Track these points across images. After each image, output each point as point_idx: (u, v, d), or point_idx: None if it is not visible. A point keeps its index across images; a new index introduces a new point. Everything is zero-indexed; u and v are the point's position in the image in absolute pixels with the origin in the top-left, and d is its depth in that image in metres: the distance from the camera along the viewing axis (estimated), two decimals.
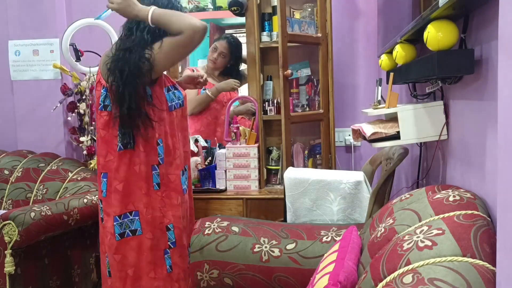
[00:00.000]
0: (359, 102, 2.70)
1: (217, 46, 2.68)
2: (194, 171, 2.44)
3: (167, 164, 1.83)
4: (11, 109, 2.91)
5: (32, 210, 2.18)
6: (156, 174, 1.81)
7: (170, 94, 1.86)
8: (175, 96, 1.87)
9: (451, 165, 1.42)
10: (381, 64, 1.88)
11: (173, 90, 1.88)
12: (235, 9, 2.42)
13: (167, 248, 1.83)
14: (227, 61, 2.70)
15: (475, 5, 1.09)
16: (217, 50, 2.67)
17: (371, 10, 2.62)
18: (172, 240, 1.84)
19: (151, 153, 1.79)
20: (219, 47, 2.67)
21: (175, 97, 1.87)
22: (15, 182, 2.62)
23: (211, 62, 2.69)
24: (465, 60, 1.12)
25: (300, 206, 1.87)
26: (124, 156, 1.80)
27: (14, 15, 2.82)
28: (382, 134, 1.50)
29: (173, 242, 1.84)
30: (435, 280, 0.79)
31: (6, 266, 2.11)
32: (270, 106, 2.44)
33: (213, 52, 2.68)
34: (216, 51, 2.67)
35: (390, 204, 1.30)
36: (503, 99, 0.72)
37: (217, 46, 2.67)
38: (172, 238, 1.84)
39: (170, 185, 1.83)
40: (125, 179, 1.79)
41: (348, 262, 1.13)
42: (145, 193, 1.80)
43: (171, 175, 1.83)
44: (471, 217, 0.97)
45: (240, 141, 2.42)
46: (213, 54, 2.68)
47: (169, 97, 1.84)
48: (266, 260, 1.56)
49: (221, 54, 2.68)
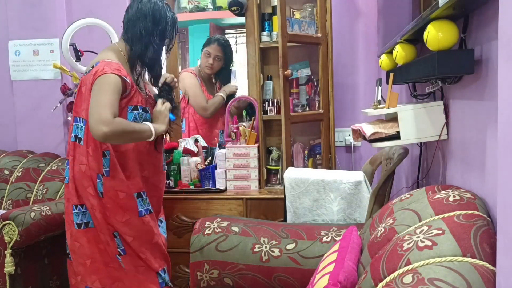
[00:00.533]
0: (359, 102, 2.69)
1: (209, 51, 2.67)
2: (194, 171, 2.44)
3: (115, 180, 1.76)
4: (11, 109, 2.91)
5: (32, 210, 2.19)
6: (100, 183, 1.76)
7: (135, 114, 1.78)
8: (140, 117, 1.80)
9: (451, 165, 1.42)
10: (381, 64, 1.88)
11: (141, 111, 1.81)
12: (235, 9, 2.42)
13: (117, 255, 1.80)
14: (223, 63, 2.72)
15: (475, 5, 1.09)
16: (210, 55, 2.67)
17: (371, 10, 2.62)
18: (121, 247, 1.80)
19: (97, 160, 1.75)
20: (212, 52, 2.67)
21: (140, 118, 1.80)
22: (15, 182, 2.62)
23: (208, 68, 2.69)
24: (465, 60, 1.12)
25: (300, 206, 1.87)
26: (74, 148, 1.79)
27: (14, 15, 2.82)
28: (382, 134, 1.50)
29: (123, 250, 1.80)
30: (435, 280, 0.79)
31: (6, 266, 2.11)
32: (270, 106, 2.44)
33: (207, 57, 2.67)
34: (210, 56, 2.67)
35: (390, 204, 1.30)
36: (503, 99, 0.72)
37: (209, 51, 2.67)
38: (121, 245, 1.80)
39: (118, 201, 1.77)
40: (75, 172, 1.78)
41: (348, 262, 1.13)
42: (92, 194, 1.77)
43: (120, 193, 1.77)
44: (471, 217, 0.97)
45: (240, 141, 2.42)
46: (208, 59, 2.67)
47: (132, 117, 1.77)
48: (266, 260, 1.56)
49: (216, 57, 2.68)
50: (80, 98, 1.80)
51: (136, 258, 1.81)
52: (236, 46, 2.83)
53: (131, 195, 1.79)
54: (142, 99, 1.82)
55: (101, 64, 1.73)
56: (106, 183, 1.76)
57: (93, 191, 1.76)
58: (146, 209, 1.84)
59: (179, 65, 2.70)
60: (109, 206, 1.77)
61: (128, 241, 1.79)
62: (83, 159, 1.76)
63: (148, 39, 1.79)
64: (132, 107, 1.78)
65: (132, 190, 1.80)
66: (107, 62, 1.74)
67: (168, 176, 2.44)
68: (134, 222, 1.80)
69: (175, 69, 2.59)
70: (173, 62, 2.57)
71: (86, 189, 1.77)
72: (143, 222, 1.82)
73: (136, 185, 1.82)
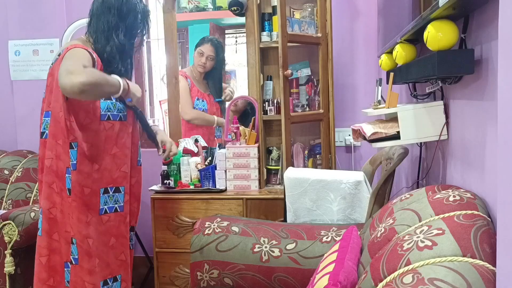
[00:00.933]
0: (359, 102, 2.70)
1: (202, 50, 2.70)
2: (194, 171, 2.44)
3: (82, 174, 1.66)
4: (11, 109, 2.91)
5: (32, 210, 2.19)
6: (69, 178, 1.66)
7: (109, 103, 1.70)
8: (114, 107, 1.72)
9: (451, 165, 1.42)
10: (381, 64, 1.88)
11: (114, 100, 1.73)
12: (235, 9, 2.42)
13: (68, 262, 1.68)
14: (214, 63, 2.74)
15: (475, 5, 1.09)
16: (204, 54, 2.70)
17: (371, 10, 2.62)
18: (74, 255, 1.68)
19: (63, 153, 1.65)
20: (205, 51, 2.70)
21: (114, 108, 1.72)
22: (15, 182, 2.62)
23: (201, 66, 2.72)
24: (465, 60, 1.12)
25: (300, 206, 1.87)
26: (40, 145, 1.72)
27: (14, 15, 2.82)
28: (382, 134, 1.50)
29: (76, 259, 1.68)
30: (435, 280, 0.79)
31: (6, 266, 2.11)
32: (270, 106, 2.44)
33: (200, 56, 2.71)
34: (203, 55, 2.70)
35: (390, 204, 1.30)
36: (503, 99, 0.72)
37: (202, 51, 2.70)
38: (75, 253, 1.68)
39: (83, 197, 1.67)
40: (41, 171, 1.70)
41: (348, 262, 1.13)
42: (56, 191, 1.66)
43: (86, 188, 1.67)
44: (471, 217, 0.97)
45: (240, 141, 2.42)
46: (201, 58, 2.71)
47: (105, 105, 1.69)
48: (266, 260, 1.56)
49: (209, 57, 2.71)
50: (48, 92, 1.72)
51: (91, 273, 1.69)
52: (236, 46, 2.83)
53: (95, 192, 1.69)
54: None
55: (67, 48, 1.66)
56: (73, 177, 1.65)
57: (57, 188, 1.66)
58: (110, 207, 1.73)
59: (179, 65, 2.70)
60: (74, 204, 1.66)
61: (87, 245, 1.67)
62: (49, 153, 1.67)
63: (111, 34, 1.69)
64: None
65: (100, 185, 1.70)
66: (74, 44, 1.67)
67: (168, 176, 2.45)
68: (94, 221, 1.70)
69: (175, 69, 2.59)
70: (173, 62, 2.57)
71: (50, 186, 1.67)
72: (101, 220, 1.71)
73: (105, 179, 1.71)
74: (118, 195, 1.75)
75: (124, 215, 1.77)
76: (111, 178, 1.73)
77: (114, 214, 1.74)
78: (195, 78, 2.76)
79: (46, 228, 1.69)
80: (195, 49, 2.73)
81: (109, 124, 1.71)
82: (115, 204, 1.74)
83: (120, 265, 1.78)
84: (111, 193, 1.74)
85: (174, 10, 2.55)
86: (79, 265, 1.67)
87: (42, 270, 1.70)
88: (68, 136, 1.65)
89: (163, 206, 2.34)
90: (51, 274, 1.71)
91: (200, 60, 2.71)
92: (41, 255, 1.70)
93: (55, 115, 1.67)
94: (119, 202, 1.75)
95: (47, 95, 1.73)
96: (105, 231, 1.73)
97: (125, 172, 1.77)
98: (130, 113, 1.78)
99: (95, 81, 1.49)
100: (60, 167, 1.67)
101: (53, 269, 1.70)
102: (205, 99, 2.76)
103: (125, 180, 1.77)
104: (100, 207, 1.70)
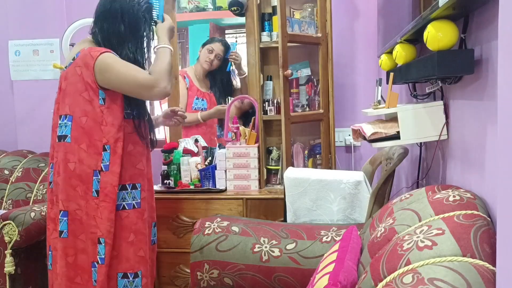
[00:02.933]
0: (359, 102, 2.70)
1: (213, 48, 2.70)
2: (194, 171, 2.44)
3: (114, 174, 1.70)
4: (11, 109, 2.91)
5: (32, 210, 2.19)
6: (97, 180, 1.68)
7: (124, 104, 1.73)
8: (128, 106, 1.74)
9: (451, 165, 1.42)
10: (381, 64, 1.88)
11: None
12: (235, 9, 2.42)
13: (95, 262, 1.71)
14: (220, 64, 2.74)
15: (475, 5, 1.09)
16: (213, 52, 2.69)
17: (371, 10, 2.62)
18: (101, 255, 1.70)
19: (93, 156, 1.68)
20: (215, 49, 2.70)
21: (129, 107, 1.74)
22: (15, 182, 2.62)
23: (207, 63, 2.71)
24: (465, 60, 1.12)
25: (300, 206, 1.87)
26: (60, 149, 1.71)
27: (14, 15, 2.82)
28: (382, 134, 1.50)
29: (102, 259, 1.70)
30: (435, 280, 0.79)
31: (6, 266, 2.12)
32: (270, 106, 2.44)
33: (210, 53, 2.70)
34: (213, 53, 2.70)
35: (390, 204, 1.30)
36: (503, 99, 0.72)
37: (213, 48, 2.70)
38: (102, 253, 1.70)
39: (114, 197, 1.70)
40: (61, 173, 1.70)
41: (348, 262, 1.13)
42: (81, 194, 1.69)
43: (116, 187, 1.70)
44: (471, 217, 0.97)
45: (240, 141, 2.42)
46: (210, 55, 2.70)
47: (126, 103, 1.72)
48: (266, 260, 1.56)
49: (217, 56, 2.71)
50: (62, 95, 1.73)
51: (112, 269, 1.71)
52: (236, 46, 2.84)
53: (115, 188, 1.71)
54: None
55: (85, 51, 1.68)
56: (103, 178, 1.69)
57: (82, 191, 1.69)
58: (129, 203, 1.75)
59: (179, 65, 2.70)
60: (103, 205, 1.69)
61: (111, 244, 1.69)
62: (71, 157, 1.69)
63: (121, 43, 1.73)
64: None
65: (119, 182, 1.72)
66: (89, 48, 1.69)
67: (168, 176, 2.45)
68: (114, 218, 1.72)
69: (175, 69, 2.58)
70: (173, 62, 2.57)
71: (74, 188, 1.70)
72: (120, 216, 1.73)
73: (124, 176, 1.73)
74: (135, 191, 1.78)
75: (141, 211, 1.79)
76: (128, 176, 1.76)
77: (132, 211, 1.76)
78: (196, 76, 2.75)
79: (73, 229, 1.72)
80: (203, 46, 2.72)
81: (131, 123, 1.76)
82: (133, 200, 1.77)
83: (139, 261, 1.78)
84: (129, 189, 1.76)
85: (174, 10, 2.55)
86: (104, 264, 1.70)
87: (70, 269, 1.72)
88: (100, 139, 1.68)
89: (163, 206, 2.34)
90: (78, 273, 1.72)
91: (209, 57, 2.70)
92: (68, 255, 1.72)
93: (76, 120, 1.69)
94: (136, 198, 1.78)
95: (60, 99, 1.74)
96: (124, 227, 1.74)
97: (140, 170, 1.80)
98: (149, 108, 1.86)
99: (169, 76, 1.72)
100: (84, 170, 1.69)
101: (80, 267, 1.72)
102: (205, 98, 2.76)
103: (140, 177, 1.80)
104: (118, 202, 1.73)
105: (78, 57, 1.70)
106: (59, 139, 1.72)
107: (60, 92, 1.75)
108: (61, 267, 1.72)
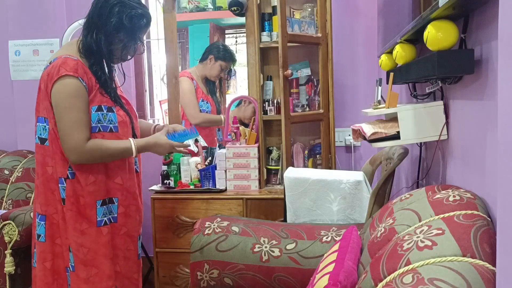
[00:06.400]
0: (359, 102, 2.70)
1: (226, 66, 2.73)
2: (194, 171, 2.44)
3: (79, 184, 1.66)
4: (11, 109, 2.91)
5: (32, 210, 2.18)
6: (62, 188, 1.66)
7: (99, 114, 1.67)
8: (104, 118, 1.68)
9: (451, 165, 1.42)
10: (381, 64, 1.88)
11: (105, 111, 1.68)
12: (235, 9, 2.42)
13: (67, 267, 1.70)
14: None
15: (475, 5, 1.09)
16: (222, 69, 2.73)
17: (371, 10, 2.62)
18: (71, 263, 1.68)
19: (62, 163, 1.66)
20: (224, 68, 2.73)
21: (105, 119, 1.68)
22: (15, 182, 2.62)
23: (216, 77, 2.75)
24: (465, 60, 1.12)
25: (300, 206, 1.87)
26: (39, 151, 1.70)
27: (14, 15, 2.82)
28: (382, 134, 1.50)
29: (73, 267, 1.68)
30: (435, 280, 0.79)
31: (6, 266, 2.12)
32: (270, 106, 2.45)
33: (220, 70, 2.73)
34: (222, 70, 2.73)
35: (390, 204, 1.30)
36: (503, 99, 0.72)
37: (225, 66, 2.73)
38: (72, 261, 1.68)
39: (79, 207, 1.66)
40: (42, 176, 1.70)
41: (348, 262, 1.13)
42: (58, 199, 1.68)
43: (81, 198, 1.67)
44: (471, 217, 0.97)
45: (240, 141, 2.42)
46: (220, 72, 2.73)
47: (95, 118, 1.66)
48: (266, 260, 1.56)
49: (223, 71, 2.74)
50: (40, 96, 1.71)
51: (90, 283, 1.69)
52: (236, 46, 2.84)
53: (93, 202, 1.68)
54: (106, 98, 1.69)
55: (58, 61, 1.63)
56: (69, 186, 1.66)
57: (58, 196, 1.68)
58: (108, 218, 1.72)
59: (179, 65, 2.70)
60: (69, 213, 1.66)
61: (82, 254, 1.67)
62: (49, 161, 1.68)
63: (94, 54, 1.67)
64: (96, 108, 1.66)
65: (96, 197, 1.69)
66: (64, 58, 1.63)
67: (168, 176, 2.45)
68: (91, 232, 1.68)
69: (175, 69, 2.58)
70: (173, 62, 2.57)
71: (52, 192, 1.69)
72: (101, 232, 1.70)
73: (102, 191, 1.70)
74: (112, 206, 1.74)
75: (118, 226, 1.76)
76: (106, 190, 1.72)
77: (110, 226, 1.73)
78: (201, 80, 2.76)
79: (50, 233, 1.70)
80: (216, 59, 2.70)
81: (100, 136, 1.68)
82: (110, 215, 1.73)
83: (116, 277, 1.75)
84: (108, 204, 1.73)
85: (174, 10, 2.55)
86: (75, 272, 1.68)
87: (48, 274, 1.70)
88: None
89: (163, 206, 2.35)
90: (55, 278, 1.71)
91: (219, 74, 2.74)
92: (46, 260, 1.70)
93: (52, 125, 1.67)
94: (113, 213, 1.75)
95: (38, 98, 1.72)
96: (106, 243, 1.71)
97: (118, 184, 1.75)
98: (124, 124, 1.74)
99: (97, 157, 1.65)
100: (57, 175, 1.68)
101: (56, 272, 1.71)
102: (209, 101, 2.76)
103: (119, 191, 1.75)
104: (98, 219, 1.69)
105: (52, 64, 1.66)
106: (40, 141, 1.70)
107: (39, 92, 1.73)
108: (39, 270, 1.71)
